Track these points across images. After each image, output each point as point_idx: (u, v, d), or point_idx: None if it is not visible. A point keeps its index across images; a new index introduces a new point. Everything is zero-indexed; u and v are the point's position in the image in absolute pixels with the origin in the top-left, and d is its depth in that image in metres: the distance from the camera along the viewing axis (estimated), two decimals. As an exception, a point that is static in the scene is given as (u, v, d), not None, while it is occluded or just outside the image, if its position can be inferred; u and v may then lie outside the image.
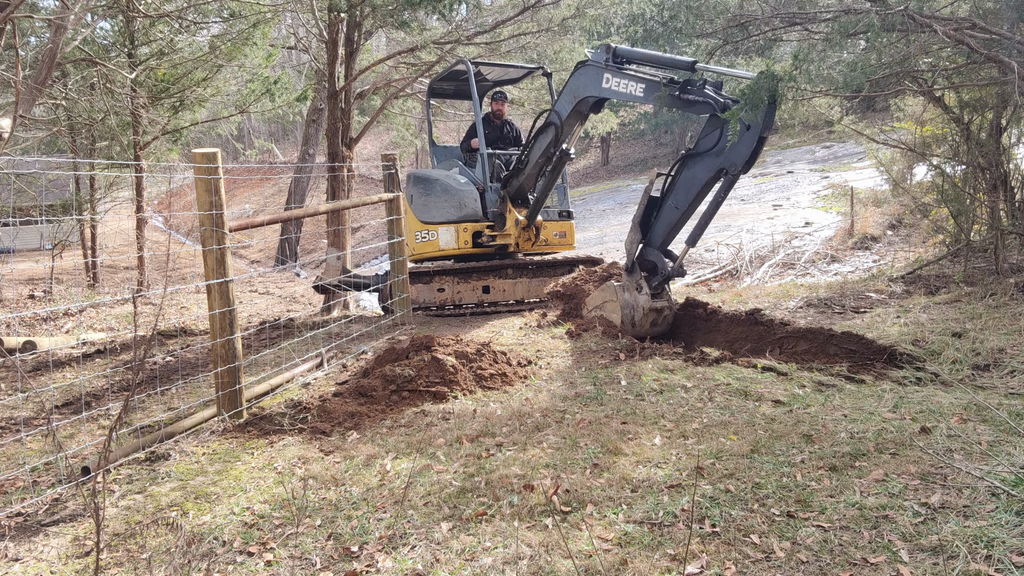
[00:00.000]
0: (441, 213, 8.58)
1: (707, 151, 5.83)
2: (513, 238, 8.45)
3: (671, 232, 6.22)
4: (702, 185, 5.93)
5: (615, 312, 6.35)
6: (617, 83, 6.47)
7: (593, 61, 6.73)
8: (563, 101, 7.19)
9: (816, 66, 5.39)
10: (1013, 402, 4.11)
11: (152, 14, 10.63)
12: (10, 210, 14.57)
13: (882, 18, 5.16)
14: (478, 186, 8.59)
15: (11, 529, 3.33)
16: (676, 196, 6.09)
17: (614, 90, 6.53)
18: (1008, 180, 7.95)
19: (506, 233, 8.41)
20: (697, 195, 6.00)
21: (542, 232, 8.72)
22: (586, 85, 6.82)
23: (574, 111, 7.08)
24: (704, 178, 5.89)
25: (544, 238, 8.78)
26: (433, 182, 8.70)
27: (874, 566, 2.49)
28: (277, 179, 38.29)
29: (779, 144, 31.95)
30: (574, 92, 6.99)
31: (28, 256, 17.84)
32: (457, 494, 3.32)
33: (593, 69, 6.69)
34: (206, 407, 4.78)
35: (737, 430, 3.92)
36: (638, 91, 6.31)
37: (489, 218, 8.48)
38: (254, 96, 12.89)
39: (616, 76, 6.48)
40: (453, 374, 5.10)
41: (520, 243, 8.55)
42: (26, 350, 7.55)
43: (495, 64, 9.39)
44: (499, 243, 8.46)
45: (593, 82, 6.71)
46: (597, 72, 6.64)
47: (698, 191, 5.97)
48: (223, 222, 4.59)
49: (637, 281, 6.26)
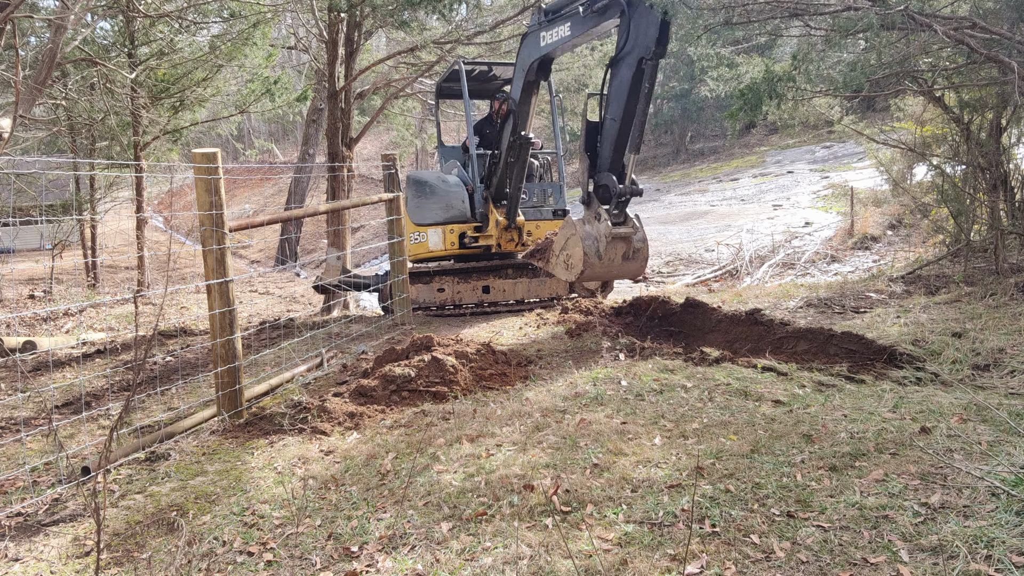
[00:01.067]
0: (431, 215, 8.57)
1: (623, 50, 5.76)
2: (495, 239, 8.39)
3: (617, 149, 5.98)
4: (629, 86, 5.75)
5: (577, 246, 5.88)
6: (550, 34, 6.61)
7: (530, 27, 6.88)
8: (515, 82, 7.28)
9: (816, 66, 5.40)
10: (1013, 402, 4.11)
11: (152, 14, 10.63)
12: (10, 210, 14.56)
13: (882, 17, 5.17)
14: (468, 187, 8.57)
15: (11, 529, 3.33)
16: (611, 109, 5.93)
17: (550, 43, 6.65)
18: (1008, 180, 7.95)
19: (488, 234, 8.38)
20: (627, 98, 5.80)
21: (535, 232, 8.66)
22: (529, 52, 6.97)
23: (524, 85, 7.12)
24: (628, 76, 5.73)
25: (537, 238, 8.73)
26: (424, 184, 8.70)
27: (874, 566, 2.49)
28: (277, 179, 38.29)
29: (779, 144, 31.96)
30: (521, 66, 7.11)
31: (28, 256, 17.84)
32: (457, 494, 3.32)
33: (531, 35, 6.85)
34: (206, 407, 4.78)
35: (737, 430, 3.92)
36: (566, 30, 6.41)
37: (477, 219, 8.45)
38: (254, 96, 12.89)
39: (548, 29, 6.62)
40: (453, 374, 5.10)
41: (502, 244, 8.47)
42: (26, 350, 7.55)
43: (500, 64, 9.39)
44: (481, 244, 8.41)
45: (533, 45, 6.87)
46: (534, 35, 6.81)
47: (627, 93, 5.78)
48: (223, 222, 4.59)
49: (596, 211, 5.90)
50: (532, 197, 9.04)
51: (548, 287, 8.57)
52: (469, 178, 8.64)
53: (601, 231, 5.78)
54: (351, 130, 12.08)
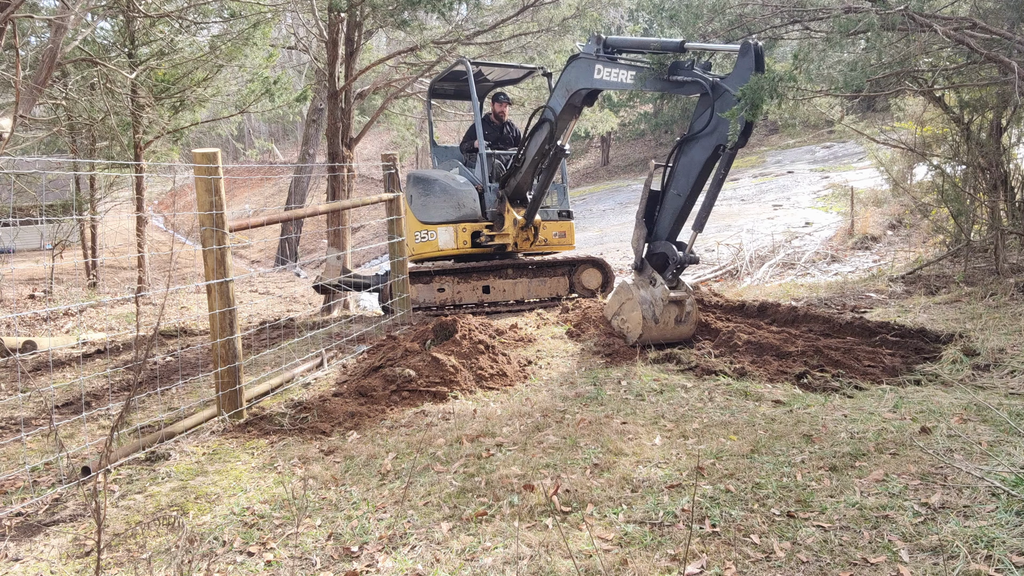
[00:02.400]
0: (440, 213, 8.58)
1: (701, 131, 5.78)
2: (511, 238, 8.45)
3: (677, 222, 6.09)
4: (701, 166, 5.82)
5: (634, 310, 6.04)
6: (608, 72, 6.50)
7: (585, 53, 6.75)
8: (556, 96, 7.20)
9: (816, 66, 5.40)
10: (1013, 402, 4.11)
11: (152, 14, 10.63)
12: (10, 210, 14.57)
13: (882, 17, 5.17)
14: (477, 186, 8.58)
15: (11, 529, 3.33)
16: (677, 183, 6.00)
17: (605, 80, 6.56)
18: (1008, 180, 7.95)
19: (504, 233, 8.41)
20: (698, 178, 5.88)
21: (541, 232, 8.71)
22: (578, 78, 6.86)
23: (568, 105, 7.09)
24: (702, 159, 5.79)
25: (543, 238, 8.77)
26: (432, 182, 8.70)
27: (874, 566, 2.49)
28: (277, 179, 38.30)
29: (779, 144, 31.96)
30: (567, 86, 7.02)
31: (28, 256, 17.85)
32: (457, 494, 3.32)
33: (585, 61, 6.72)
34: (206, 407, 4.78)
35: (737, 430, 3.92)
36: (628, 78, 6.32)
37: (488, 218, 8.48)
38: (254, 96, 12.90)
39: (607, 66, 6.49)
40: (453, 374, 5.10)
41: (519, 243, 8.55)
42: (26, 350, 7.55)
43: (495, 64, 9.39)
44: (497, 243, 8.45)
45: (585, 74, 6.75)
46: (589, 64, 6.67)
47: (698, 173, 5.86)
48: (223, 222, 4.59)
49: (650, 276, 6.05)
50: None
51: (548, 287, 8.58)
52: (476, 178, 8.65)
53: (658, 295, 5.93)
54: (351, 130, 12.08)
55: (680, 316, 6.04)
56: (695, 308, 6.16)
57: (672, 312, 5.99)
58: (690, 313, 6.08)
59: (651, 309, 5.98)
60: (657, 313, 5.95)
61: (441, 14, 9.66)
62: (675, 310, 6.00)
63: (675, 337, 6.06)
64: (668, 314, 5.99)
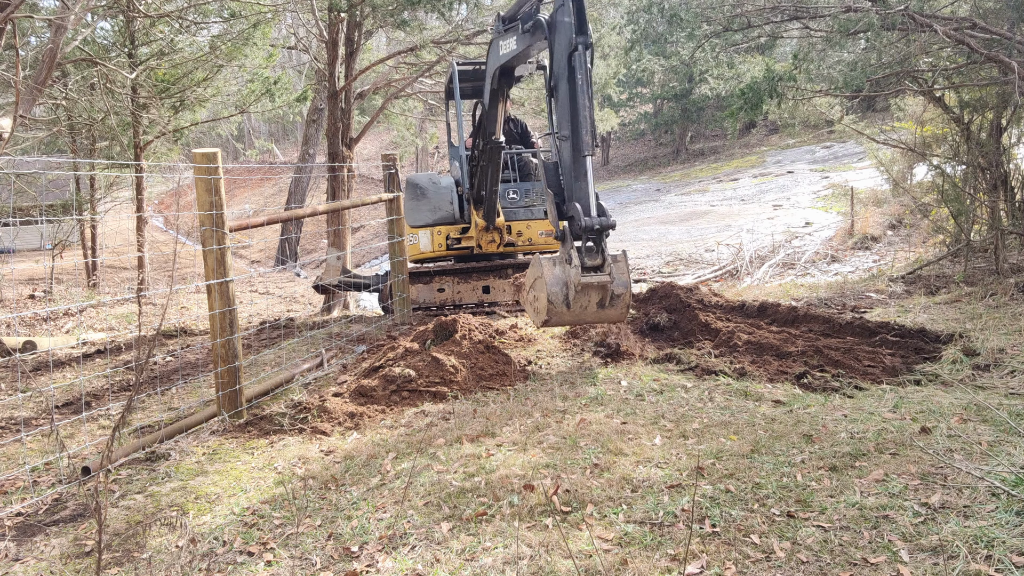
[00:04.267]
0: (422, 216, 8.56)
1: (555, 70, 5.27)
2: (475, 240, 8.34)
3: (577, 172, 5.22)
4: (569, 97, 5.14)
5: (543, 291, 5.08)
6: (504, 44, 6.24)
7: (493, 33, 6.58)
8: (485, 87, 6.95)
9: (816, 65, 5.41)
10: (1013, 402, 4.11)
11: (152, 14, 10.63)
12: (10, 210, 14.57)
13: (882, 17, 5.17)
14: (460, 187, 8.55)
15: (11, 529, 3.33)
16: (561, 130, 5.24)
17: (504, 53, 6.30)
18: (1008, 180, 7.95)
19: (469, 236, 8.35)
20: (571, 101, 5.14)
21: (525, 232, 8.58)
22: (491, 60, 6.67)
23: (491, 92, 6.83)
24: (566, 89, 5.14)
25: (528, 238, 8.64)
26: (417, 186, 8.69)
27: (874, 566, 2.49)
28: (277, 179, 38.30)
29: (779, 144, 31.96)
30: (488, 71, 6.80)
31: (28, 256, 17.85)
32: (457, 494, 3.32)
33: (493, 42, 6.53)
34: (206, 407, 4.78)
35: (737, 430, 3.92)
36: (512, 43, 6.08)
37: (465, 219, 8.42)
38: (254, 96, 12.90)
39: (503, 38, 6.25)
40: (453, 374, 5.10)
41: (484, 245, 8.35)
42: (26, 350, 7.56)
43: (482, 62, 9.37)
44: (463, 246, 8.38)
45: (494, 54, 6.56)
46: (495, 43, 6.46)
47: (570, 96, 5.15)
48: (223, 222, 4.59)
49: (567, 251, 5.08)
50: (523, 197, 8.92)
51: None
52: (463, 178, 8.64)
53: (571, 277, 4.98)
54: (351, 130, 12.09)
55: (605, 300, 5.11)
56: (627, 291, 5.19)
57: (592, 296, 5.07)
58: (620, 296, 5.13)
59: (563, 291, 5.06)
60: (570, 297, 5.03)
61: (441, 14, 9.67)
62: (597, 293, 5.08)
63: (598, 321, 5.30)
64: (586, 298, 5.06)
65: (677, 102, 34.20)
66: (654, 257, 15.93)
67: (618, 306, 5.13)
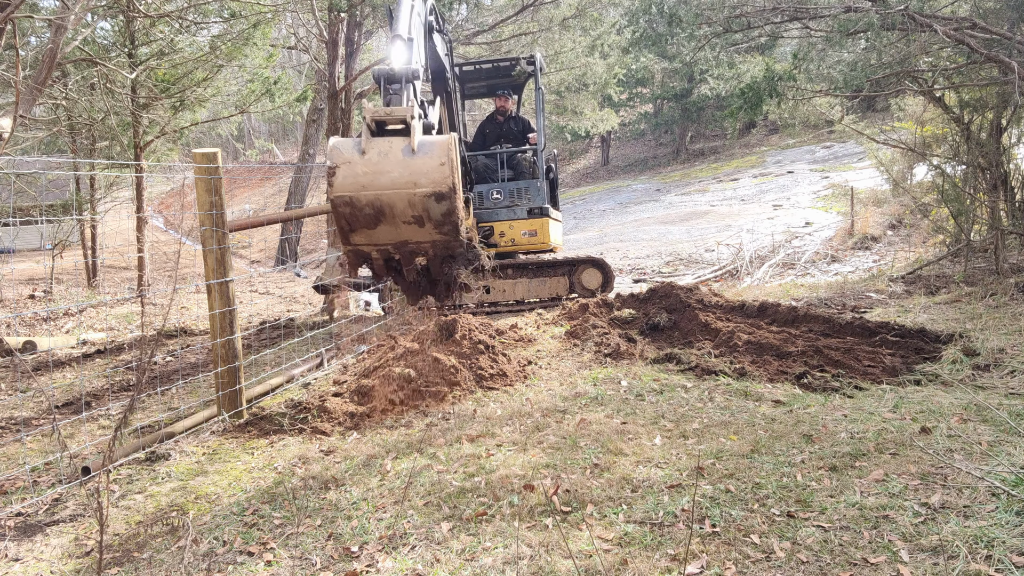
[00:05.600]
0: None
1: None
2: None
3: None
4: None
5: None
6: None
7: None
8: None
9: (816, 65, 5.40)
10: (1013, 402, 4.11)
11: (152, 14, 10.62)
12: (10, 210, 14.57)
13: (882, 17, 5.17)
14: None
15: (11, 529, 3.33)
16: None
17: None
18: (1008, 180, 7.95)
19: None
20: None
21: (508, 232, 8.47)
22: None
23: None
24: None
25: (510, 238, 8.59)
26: None
27: (874, 566, 2.49)
28: (277, 179, 38.29)
29: (779, 144, 31.96)
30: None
31: (28, 256, 17.85)
32: (457, 494, 3.32)
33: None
34: (206, 407, 4.78)
35: (737, 430, 3.92)
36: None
37: None
38: (254, 96, 12.89)
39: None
40: (453, 374, 5.10)
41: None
42: (26, 350, 7.55)
43: (473, 62, 9.36)
44: None
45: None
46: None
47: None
48: (223, 222, 4.59)
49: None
50: (506, 197, 8.78)
51: (548, 287, 8.56)
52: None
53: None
54: (351, 130, 12.07)
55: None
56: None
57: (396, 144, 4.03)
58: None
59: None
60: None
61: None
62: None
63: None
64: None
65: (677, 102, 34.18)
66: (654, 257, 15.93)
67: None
